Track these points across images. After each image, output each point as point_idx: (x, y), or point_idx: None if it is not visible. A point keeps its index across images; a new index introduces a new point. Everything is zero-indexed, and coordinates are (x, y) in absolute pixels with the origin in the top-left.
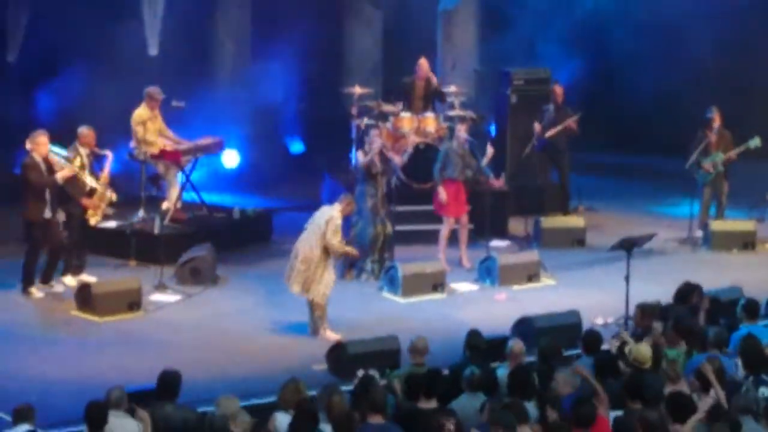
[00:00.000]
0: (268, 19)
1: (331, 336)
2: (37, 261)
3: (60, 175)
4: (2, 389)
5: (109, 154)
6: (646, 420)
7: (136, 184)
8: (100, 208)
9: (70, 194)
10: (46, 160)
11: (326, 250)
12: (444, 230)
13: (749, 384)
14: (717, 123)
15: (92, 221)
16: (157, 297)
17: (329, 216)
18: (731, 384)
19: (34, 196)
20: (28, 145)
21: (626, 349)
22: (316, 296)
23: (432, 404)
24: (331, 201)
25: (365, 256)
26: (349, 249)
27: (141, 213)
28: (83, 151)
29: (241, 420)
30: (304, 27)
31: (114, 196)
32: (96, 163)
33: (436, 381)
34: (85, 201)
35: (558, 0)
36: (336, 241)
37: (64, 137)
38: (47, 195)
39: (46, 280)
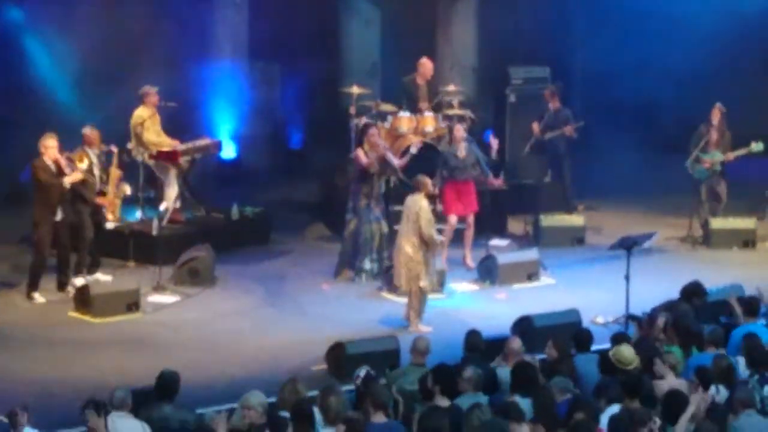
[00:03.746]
0: (265, 17)
1: (422, 329)
2: (43, 264)
3: (68, 180)
4: (0, 391)
5: (115, 150)
6: (637, 418)
7: (134, 185)
8: (117, 204)
9: (81, 194)
10: (55, 162)
11: (422, 239)
12: (446, 230)
13: (754, 382)
14: (718, 120)
15: (110, 217)
16: (156, 298)
17: (419, 206)
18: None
19: (42, 198)
20: (41, 148)
21: (610, 352)
22: (414, 285)
23: (445, 402)
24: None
25: (363, 255)
26: (437, 238)
27: (139, 214)
28: (91, 152)
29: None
30: (302, 26)
31: (128, 189)
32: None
33: (449, 376)
34: (101, 200)
35: None
36: (431, 230)
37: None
38: (56, 197)
39: (61, 286)
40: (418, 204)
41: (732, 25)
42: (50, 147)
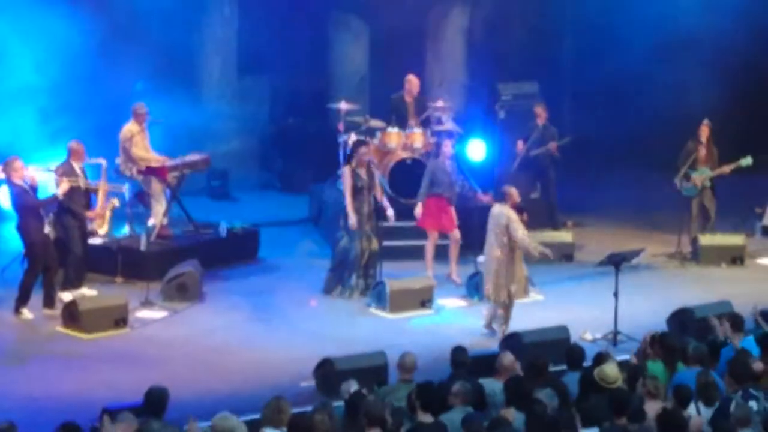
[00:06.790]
0: (254, 33)
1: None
2: (35, 281)
3: (60, 191)
4: None
5: (104, 162)
6: None
7: (123, 201)
8: (105, 217)
9: (68, 207)
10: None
11: (510, 249)
12: (428, 245)
13: (738, 398)
14: (706, 137)
15: (100, 231)
16: (144, 313)
17: (507, 216)
18: (722, 399)
19: (32, 218)
20: (11, 172)
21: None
22: (503, 295)
23: (428, 418)
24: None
25: (351, 272)
26: (543, 249)
27: (127, 229)
28: (76, 165)
29: None
30: (291, 41)
31: (117, 203)
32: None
33: (432, 393)
34: (90, 213)
35: (547, 14)
36: (527, 241)
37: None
38: (42, 213)
39: (50, 304)
40: (506, 215)
41: (723, 42)
42: (18, 169)
